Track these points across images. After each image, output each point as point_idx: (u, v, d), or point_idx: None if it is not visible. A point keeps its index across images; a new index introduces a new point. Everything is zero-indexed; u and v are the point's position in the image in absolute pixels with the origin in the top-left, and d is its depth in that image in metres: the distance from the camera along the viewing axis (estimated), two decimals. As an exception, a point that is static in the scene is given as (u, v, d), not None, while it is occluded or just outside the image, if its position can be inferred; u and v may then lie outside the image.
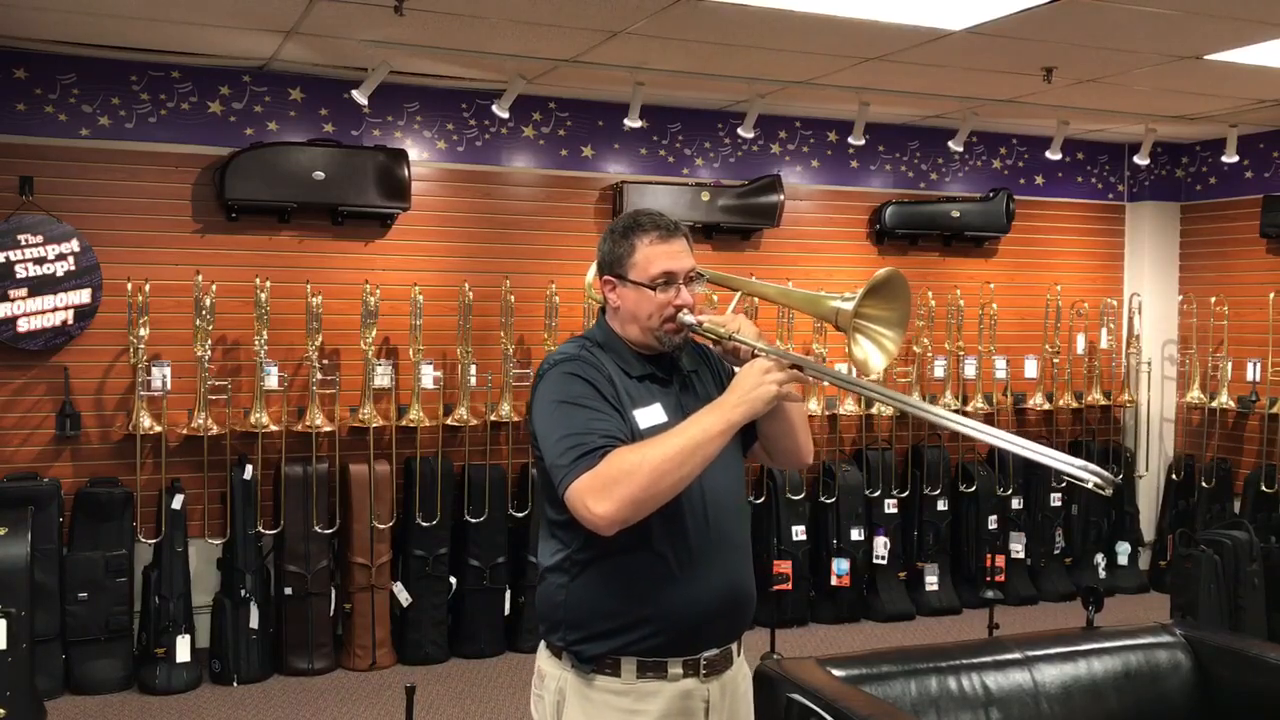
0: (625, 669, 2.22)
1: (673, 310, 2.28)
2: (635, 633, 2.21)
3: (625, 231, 2.31)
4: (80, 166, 5.44)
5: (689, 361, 2.40)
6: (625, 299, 2.31)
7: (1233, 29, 4.71)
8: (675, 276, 2.28)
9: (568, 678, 2.26)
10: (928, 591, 6.78)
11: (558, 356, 2.30)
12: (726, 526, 2.29)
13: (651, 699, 2.23)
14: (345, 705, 5.13)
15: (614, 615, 2.21)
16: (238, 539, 5.46)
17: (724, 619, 2.30)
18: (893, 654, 3.21)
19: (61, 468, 5.42)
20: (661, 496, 2.09)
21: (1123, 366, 7.56)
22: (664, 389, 2.31)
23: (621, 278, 2.31)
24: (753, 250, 6.73)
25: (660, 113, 6.46)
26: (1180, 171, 7.74)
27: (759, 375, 2.14)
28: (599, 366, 2.26)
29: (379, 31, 4.86)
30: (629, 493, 2.04)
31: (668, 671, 2.23)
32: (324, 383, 5.69)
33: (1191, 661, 3.41)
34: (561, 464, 2.13)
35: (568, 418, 2.17)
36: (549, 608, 2.30)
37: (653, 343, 2.31)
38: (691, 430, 2.11)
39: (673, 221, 2.32)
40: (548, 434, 2.19)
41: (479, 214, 6.18)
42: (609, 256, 2.33)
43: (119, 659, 5.25)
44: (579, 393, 2.20)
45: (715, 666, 2.29)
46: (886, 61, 5.31)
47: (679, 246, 2.30)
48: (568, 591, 2.25)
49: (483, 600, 5.81)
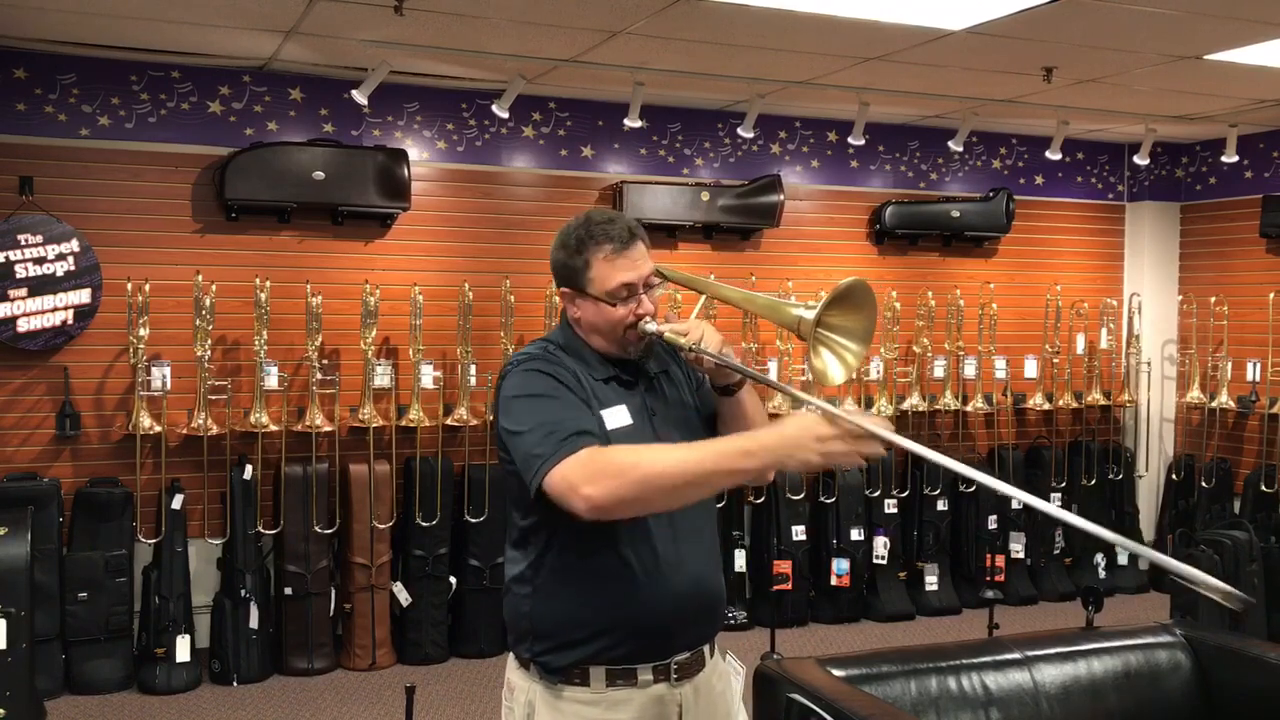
0: (594, 678, 2.17)
1: (634, 318, 2.22)
2: (602, 641, 2.16)
3: (579, 245, 2.21)
4: (80, 166, 5.44)
5: (656, 362, 2.34)
6: (585, 311, 2.24)
7: (1233, 29, 4.71)
8: (635, 287, 2.21)
9: (536, 689, 2.21)
10: (928, 591, 6.78)
11: (520, 356, 2.25)
12: (691, 525, 2.24)
13: (623, 707, 2.18)
14: (345, 705, 5.13)
15: (580, 625, 2.16)
16: (237, 539, 5.46)
17: (693, 622, 2.25)
18: (893, 654, 3.21)
19: (61, 468, 5.42)
20: (651, 506, 2.03)
21: (1123, 366, 7.56)
22: (629, 391, 2.26)
23: (579, 290, 2.23)
24: (753, 250, 6.73)
25: (660, 113, 6.46)
26: (1180, 171, 7.74)
27: (808, 437, 1.91)
28: (563, 365, 2.21)
29: (379, 31, 4.86)
30: (619, 488, 1.96)
31: (638, 678, 2.18)
32: (324, 383, 5.69)
33: (1191, 661, 3.41)
34: (539, 452, 2.04)
35: (541, 410, 2.10)
36: (514, 618, 2.25)
37: (618, 352, 2.26)
38: (705, 455, 1.99)
39: (627, 227, 2.22)
40: (519, 426, 2.11)
41: (479, 214, 6.18)
42: (563, 269, 2.24)
43: (119, 659, 5.25)
44: (547, 388, 2.14)
45: (687, 670, 2.24)
46: (886, 61, 5.31)
47: (637, 253, 2.21)
48: (532, 602, 2.21)
49: (483, 600, 5.80)
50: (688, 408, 2.35)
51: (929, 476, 6.83)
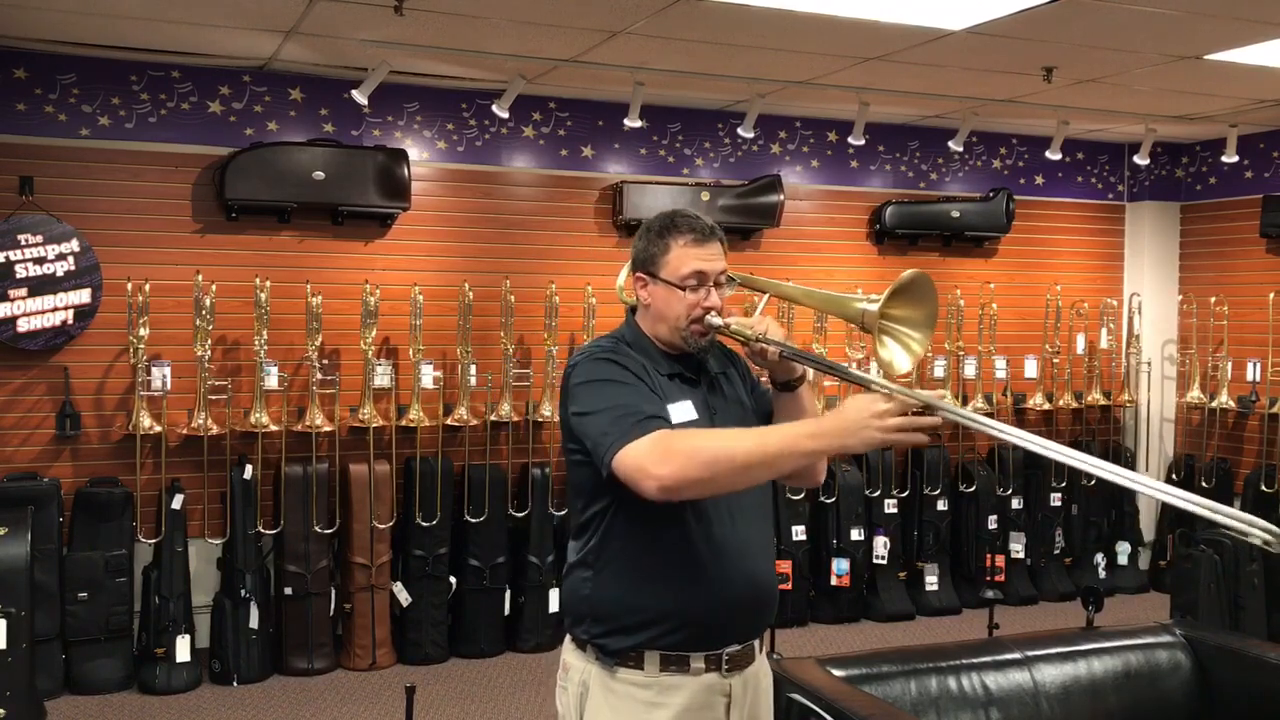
0: (648, 662, 2.24)
1: (701, 311, 2.29)
2: (658, 627, 2.23)
3: (661, 230, 2.33)
4: (80, 166, 5.44)
5: (716, 364, 2.43)
6: (655, 297, 2.33)
7: (1233, 29, 4.71)
8: (706, 278, 2.29)
9: (592, 670, 2.29)
10: (928, 591, 6.78)
11: (589, 347, 2.34)
12: (751, 524, 2.32)
13: (674, 692, 2.25)
14: (345, 705, 5.13)
15: (637, 610, 2.24)
16: (237, 539, 5.45)
17: (746, 615, 2.32)
18: (893, 654, 3.22)
19: (61, 468, 5.42)
20: (719, 487, 2.10)
21: (1123, 366, 7.56)
22: (692, 388, 2.34)
23: (653, 275, 2.33)
24: (753, 250, 6.73)
25: (660, 113, 6.46)
26: (1180, 171, 7.74)
27: (866, 415, 2.01)
28: (631, 358, 2.29)
29: (379, 31, 4.86)
30: (690, 468, 2.03)
31: (690, 666, 2.25)
32: (324, 383, 5.69)
33: (1191, 661, 3.41)
34: (611, 431, 2.12)
35: (613, 393, 2.19)
36: (574, 601, 2.33)
37: (679, 343, 2.33)
38: (773, 437, 2.10)
39: (709, 225, 2.33)
40: (591, 409, 2.19)
41: (479, 214, 6.18)
42: (643, 254, 2.35)
43: (119, 659, 5.25)
44: (619, 374, 2.23)
45: (737, 662, 2.31)
46: (886, 61, 5.31)
47: (713, 250, 2.31)
48: (593, 585, 2.28)
49: (483, 600, 5.81)
50: (745, 408, 2.43)
51: (929, 476, 6.82)
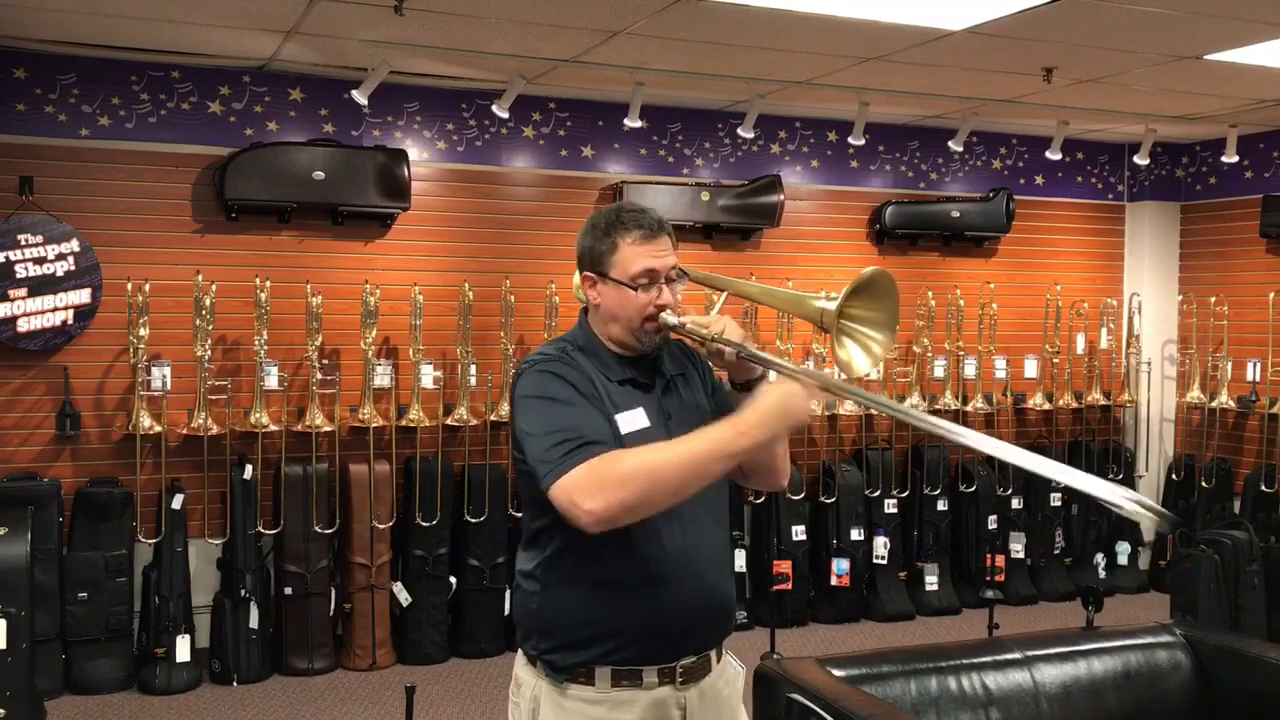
0: (599, 678, 2.18)
1: (654, 310, 2.22)
2: (608, 643, 2.17)
3: (608, 228, 2.24)
4: (80, 166, 5.44)
5: (672, 365, 2.34)
6: (606, 297, 2.24)
7: (1233, 29, 4.71)
8: (657, 275, 2.21)
9: (542, 686, 2.23)
10: (928, 591, 6.78)
11: (536, 357, 2.25)
12: (702, 533, 2.24)
13: (626, 707, 2.18)
14: (345, 705, 5.13)
15: (586, 625, 2.17)
16: (238, 539, 5.45)
17: (700, 626, 2.24)
18: (893, 654, 3.21)
19: (61, 468, 5.42)
20: (655, 506, 2.04)
21: (1123, 366, 7.56)
22: (645, 394, 2.25)
23: (602, 275, 2.24)
24: (753, 250, 6.73)
25: (660, 113, 6.46)
26: (1180, 171, 7.74)
27: (785, 398, 2.05)
28: (579, 368, 2.20)
29: (379, 31, 4.86)
30: (622, 496, 1.98)
31: (643, 680, 2.19)
32: (324, 383, 5.69)
33: (1191, 661, 3.41)
34: (547, 460, 2.05)
35: (551, 415, 2.11)
36: (522, 615, 2.26)
37: (633, 343, 2.25)
38: (700, 444, 2.03)
39: (656, 219, 2.25)
40: (531, 430, 2.12)
41: (479, 214, 6.18)
42: (589, 253, 2.26)
43: (119, 659, 5.25)
44: (560, 391, 2.15)
45: (692, 674, 2.24)
46: (886, 61, 5.31)
47: (663, 245, 2.23)
48: (540, 600, 2.21)
49: (483, 600, 5.80)
50: (703, 410, 2.34)
51: (929, 476, 6.82)
